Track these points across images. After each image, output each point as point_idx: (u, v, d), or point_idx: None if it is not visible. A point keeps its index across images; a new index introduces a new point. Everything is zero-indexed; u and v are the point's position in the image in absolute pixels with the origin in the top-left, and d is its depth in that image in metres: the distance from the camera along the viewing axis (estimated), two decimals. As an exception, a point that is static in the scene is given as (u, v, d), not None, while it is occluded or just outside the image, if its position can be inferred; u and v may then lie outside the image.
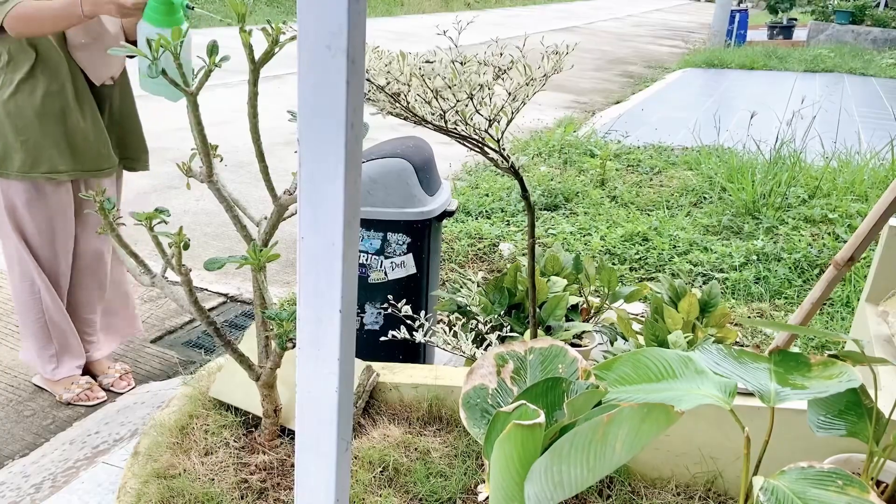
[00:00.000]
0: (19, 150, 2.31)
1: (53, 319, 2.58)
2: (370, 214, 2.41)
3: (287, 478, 1.92)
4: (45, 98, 2.29)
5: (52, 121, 2.32)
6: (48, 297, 2.54)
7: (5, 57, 2.26)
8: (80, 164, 2.41)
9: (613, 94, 9.86)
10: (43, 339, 2.61)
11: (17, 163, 2.32)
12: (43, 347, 2.62)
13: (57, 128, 2.33)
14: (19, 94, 2.27)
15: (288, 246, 2.70)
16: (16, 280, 2.53)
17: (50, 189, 2.40)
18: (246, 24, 1.43)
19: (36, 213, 2.42)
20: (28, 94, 2.28)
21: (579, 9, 24.92)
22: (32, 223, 2.43)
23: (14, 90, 2.27)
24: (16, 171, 2.33)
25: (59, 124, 2.33)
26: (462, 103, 1.81)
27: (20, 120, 2.29)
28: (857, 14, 15.51)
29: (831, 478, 1.17)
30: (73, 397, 2.67)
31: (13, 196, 2.39)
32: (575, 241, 4.16)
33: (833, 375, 1.33)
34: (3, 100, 2.28)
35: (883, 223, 1.72)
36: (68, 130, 2.35)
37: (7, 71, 2.27)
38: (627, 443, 1.14)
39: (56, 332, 2.60)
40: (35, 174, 2.34)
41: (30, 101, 2.28)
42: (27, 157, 2.32)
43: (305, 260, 1.02)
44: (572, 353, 1.58)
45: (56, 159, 2.35)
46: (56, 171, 2.37)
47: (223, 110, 6.91)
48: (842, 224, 4.24)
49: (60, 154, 2.35)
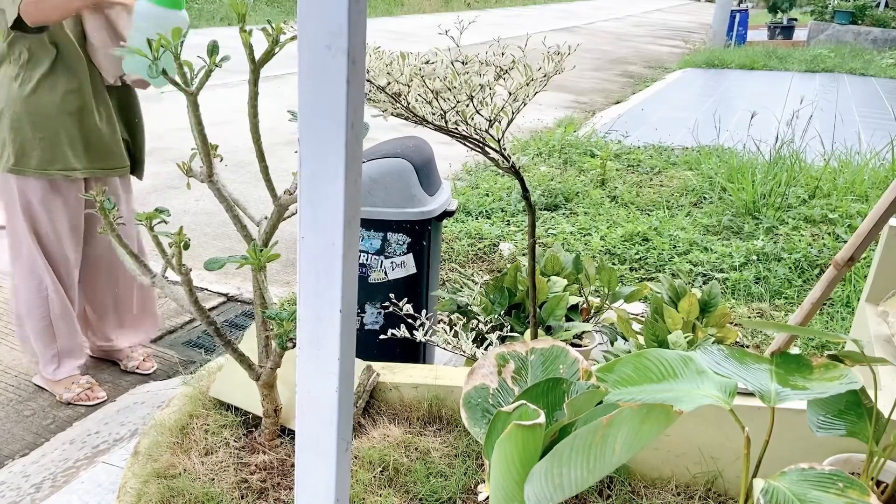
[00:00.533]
0: (37, 146, 2.34)
1: (58, 319, 2.59)
2: (370, 214, 2.41)
3: (287, 478, 1.91)
4: (65, 96, 2.32)
5: (70, 119, 2.35)
6: (55, 297, 2.55)
7: (25, 55, 2.28)
8: (94, 163, 2.44)
9: (613, 94, 9.86)
10: (46, 339, 2.61)
11: (34, 160, 2.35)
12: (45, 347, 2.62)
13: (74, 126, 2.36)
14: (40, 91, 2.30)
15: (288, 246, 2.70)
16: (24, 278, 2.54)
17: (65, 186, 2.43)
18: (246, 24, 1.43)
19: (51, 211, 2.44)
20: (48, 91, 2.30)
21: (579, 9, 24.92)
22: (47, 220, 2.45)
23: (35, 87, 2.29)
24: (33, 169, 2.35)
25: (76, 122, 2.36)
26: (462, 104, 1.81)
27: (40, 117, 2.31)
28: (857, 14, 15.51)
29: (832, 480, 1.17)
30: (74, 397, 2.67)
31: (30, 193, 2.41)
32: (575, 241, 4.16)
33: (834, 378, 1.33)
34: (23, 96, 2.30)
35: (883, 223, 1.72)
36: (84, 129, 2.39)
37: (27, 68, 2.29)
38: (627, 443, 1.14)
39: (60, 332, 2.61)
40: (52, 171, 2.37)
41: (50, 98, 2.31)
42: (44, 155, 2.34)
43: (305, 260, 1.02)
44: (573, 354, 1.58)
45: (71, 157, 2.38)
46: (71, 169, 2.39)
47: (223, 110, 6.91)
48: (842, 224, 4.24)
49: (75, 152, 2.38)
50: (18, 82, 2.29)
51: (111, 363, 2.94)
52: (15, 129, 2.31)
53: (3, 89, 2.32)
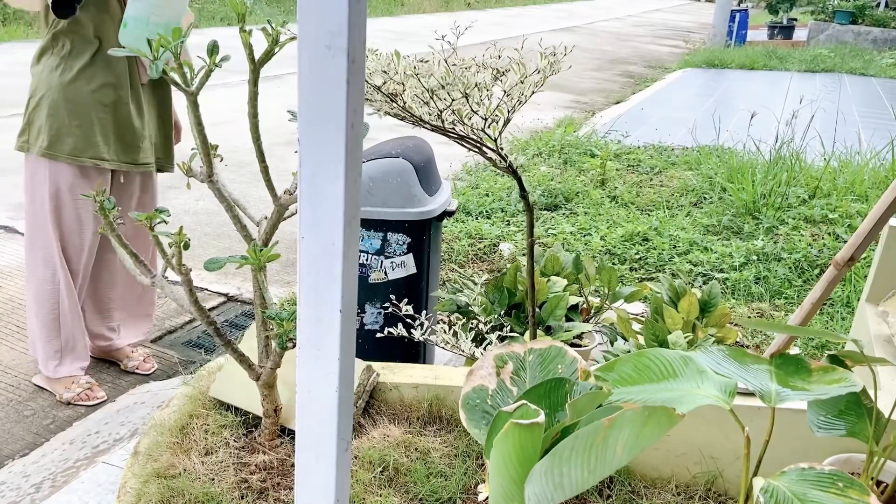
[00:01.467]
0: (72, 133, 2.39)
1: (66, 315, 2.60)
2: (370, 214, 2.41)
3: (287, 478, 1.91)
4: (103, 88, 2.40)
5: (104, 110, 2.42)
6: (65, 292, 2.57)
7: (68, 46, 2.36)
8: (122, 156, 2.50)
9: (613, 94, 9.86)
10: (51, 333, 2.62)
11: (68, 146, 2.40)
12: (48, 341, 2.63)
13: (108, 117, 2.43)
14: (78, 81, 2.37)
15: (288, 246, 2.70)
16: (38, 269, 2.55)
17: (94, 174, 2.47)
18: (246, 24, 1.43)
19: (77, 198, 2.47)
20: (87, 81, 2.38)
21: (579, 9, 24.92)
22: (72, 209, 2.49)
23: (75, 76, 2.37)
24: (66, 154, 2.41)
25: (110, 114, 2.43)
26: (458, 102, 1.81)
27: (76, 105, 2.38)
28: (857, 14, 15.51)
29: (832, 479, 1.17)
30: (74, 397, 2.67)
31: (59, 179, 2.45)
32: (575, 241, 4.16)
33: (833, 381, 1.33)
34: (63, 84, 2.37)
35: (883, 223, 1.72)
36: (117, 121, 2.45)
37: (68, 59, 2.37)
38: (629, 445, 1.14)
39: (65, 328, 2.62)
40: (83, 158, 2.42)
41: (88, 87, 2.38)
42: (78, 142, 2.40)
43: (305, 260, 1.02)
44: (572, 354, 1.58)
45: (102, 147, 2.43)
46: (101, 158, 2.44)
47: (223, 110, 6.91)
48: (842, 224, 4.24)
49: (107, 142, 2.44)
50: (59, 72, 2.36)
51: (111, 363, 2.94)
52: (52, 115, 2.38)
53: (44, 78, 2.39)
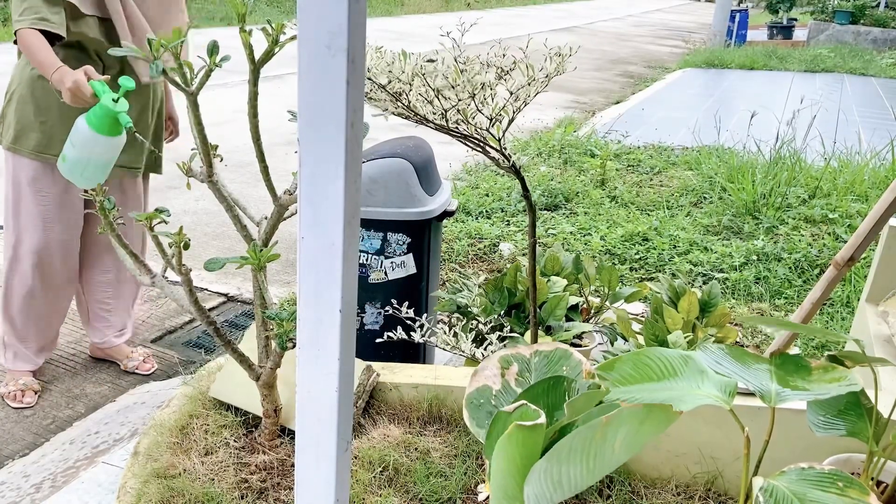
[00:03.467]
0: (37, 130, 2.37)
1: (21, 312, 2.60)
2: (370, 214, 2.41)
3: (287, 478, 1.91)
4: None
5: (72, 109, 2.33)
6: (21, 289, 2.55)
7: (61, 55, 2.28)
8: None
9: (613, 94, 9.86)
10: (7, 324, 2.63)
11: (32, 141, 2.38)
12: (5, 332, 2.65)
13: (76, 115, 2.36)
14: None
15: (288, 246, 2.70)
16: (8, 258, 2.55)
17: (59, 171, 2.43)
18: (246, 24, 1.43)
19: (40, 192, 2.44)
20: None
21: (579, 9, 24.92)
22: (32, 204, 2.45)
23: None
24: (30, 150, 2.38)
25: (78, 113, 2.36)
26: (464, 102, 1.81)
27: (44, 102, 2.35)
28: (857, 14, 15.51)
29: (832, 479, 1.17)
30: (6, 392, 2.67)
31: (20, 173, 2.43)
32: (575, 241, 4.16)
33: (833, 380, 1.33)
34: (32, 79, 2.33)
35: (883, 223, 1.72)
36: None
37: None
38: (627, 443, 1.14)
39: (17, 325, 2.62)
40: (47, 155, 2.39)
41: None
42: (42, 139, 2.37)
43: (305, 260, 1.02)
44: (577, 356, 1.58)
45: None
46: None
47: (223, 110, 6.91)
48: (842, 224, 4.24)
49: None
50: (31, 67, 2.33)
51: (111, 363, 2.94)
52: (19, 111, 2.36)
53: (18, 73, 2.38)
